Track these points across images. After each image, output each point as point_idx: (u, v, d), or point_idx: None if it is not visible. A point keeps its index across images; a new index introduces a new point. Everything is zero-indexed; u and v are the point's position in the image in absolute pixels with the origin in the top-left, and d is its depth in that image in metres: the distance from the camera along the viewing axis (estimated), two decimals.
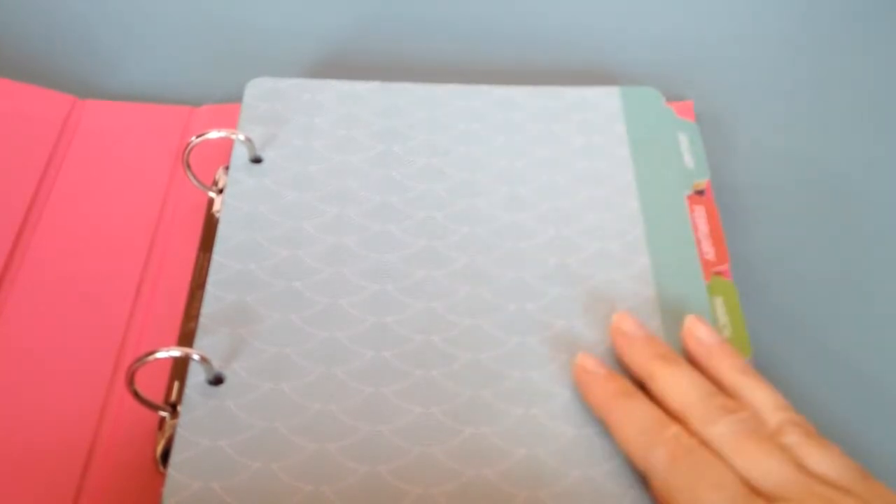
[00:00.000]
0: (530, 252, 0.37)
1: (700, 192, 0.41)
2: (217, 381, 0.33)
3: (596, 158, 0.41)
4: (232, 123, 0.42)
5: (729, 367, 0.32)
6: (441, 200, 0.39)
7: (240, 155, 0.41)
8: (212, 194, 0.41)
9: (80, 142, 0.43)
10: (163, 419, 0.34)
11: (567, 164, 0.40)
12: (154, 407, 0.34)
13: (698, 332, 0.33)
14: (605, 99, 0.43)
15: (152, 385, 0.35)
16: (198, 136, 0.40)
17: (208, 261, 0.37)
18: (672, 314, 0.35)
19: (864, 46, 0.50)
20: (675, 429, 0.30)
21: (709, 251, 0.38)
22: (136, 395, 0.33)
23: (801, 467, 0.28)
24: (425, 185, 0.39)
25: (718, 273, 0.38)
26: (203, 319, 0.35)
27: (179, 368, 0.35)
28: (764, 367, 0.36)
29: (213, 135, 0.40)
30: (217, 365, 0.33)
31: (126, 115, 0.45)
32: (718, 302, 0.37)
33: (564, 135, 0.42)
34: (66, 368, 0.36)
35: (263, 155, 0.41)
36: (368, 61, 0.49)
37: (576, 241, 0.38)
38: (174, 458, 0.31)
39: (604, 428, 0.32)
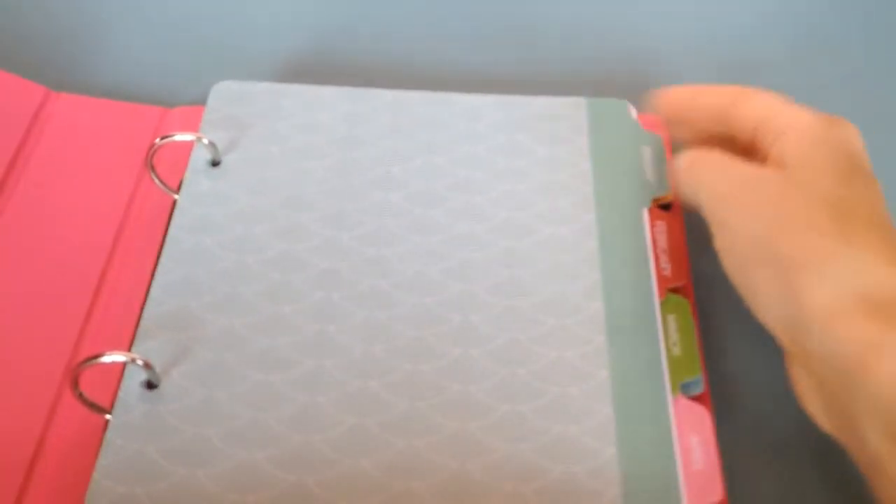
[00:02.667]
0: (481, 264, 0.37)
1: (665, 207, 0.40)
2: (153, 385, 0.33)
3: (557, 171, 0.40)
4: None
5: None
6: (396, 209, 0.39)
7: (199, 158, 0.41)
8: (176, 197, 0.41)
9: (50, 135, 0.44)
10: (108, 422, 0.34)
11: (527, 176, 0.40)
12: (98, 410, 0.34)
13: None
14: (572, 110, 0.43)
15: (109, 387, 0.35)
16: (162, 138, 0.40)
17: None
18: (618, 330, 0.35)
19: (866, 46, 0.49)
20: None
21: (666, 267, 0.38)
22: (80, 397, 0.33)
23: None
24: (381, 194, 0.39)
25: (675, 290, 0.38)
26: (144, 322, 0.35)
27: None
28: (730, 386, 0.36)
29: (178, 137, 0.40)
30: (157, 370, 0.34)
31: (99, 111, 0.45)
32: (671, 319, 0.36)
33: (527, 145, 0.41)
34: (16, 368, 0.36)
35: (223, 159, 0.41)
36: (347, 61, 0.49)
37: (528, 253, 0.37)
38: (100, 461, 0.31)
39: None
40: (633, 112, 0.43)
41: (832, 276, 0.28)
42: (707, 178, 0.34)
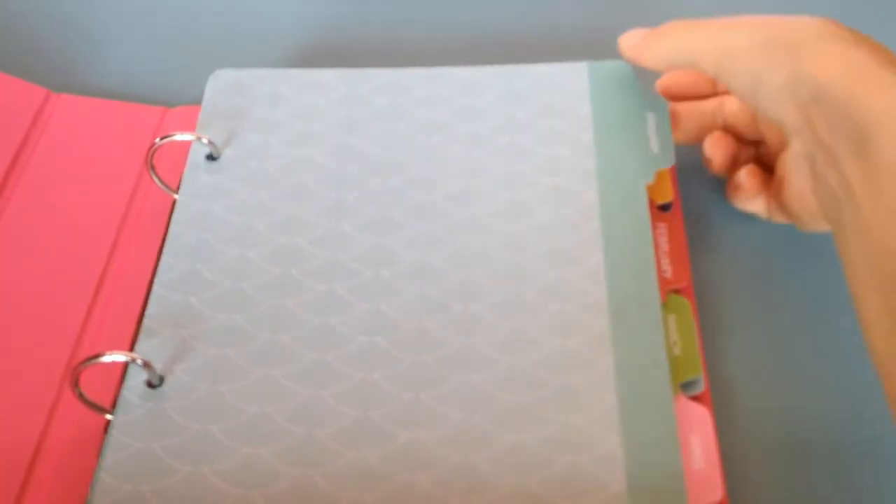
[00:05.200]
0: (482, 250, 0.37)
1: (663, 208, 0.40)
2: (155, 384, 0.33)
3: (558, 145, 0.39)
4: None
5: None
6: (396, 195, 0.39)
7: (198, 153, 0.41)
8: (176, 196, 0.41)
9: (51, 136, 0.44)
10: (108, 422, 0.34)
11: (528, 153, 0.39)
12: (99, 409, 0.34)
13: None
14: (572, 77, 0.42)
15: (109, 386, 0.35)
16: (162, 138, 0.40)
17: None
18: (622, 316, 0.34)
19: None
20: None
21: (667, 269, 0.38)
22: (80, 396, 0.33)
23: None
24: (381, 180, 0.39)
25: (676, 291, 0.37)
26: (147, 320, 0.35)
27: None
28: (730, 386, 0.36)
29: (178, 137, 0.40)
30: (158, 367, 0.34)
31: (99, 112, 0.45)
32: (671, 319, 0.36)
33: (528, 120, 0.40)
34: (16, 368, 0.36)
35: (222, 152, 0.41)
36: (347, 53, 0.49)
37: (529, 237, 0.37)
38: (106, 460, 0.31)
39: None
40: (633, 74, 0.42)
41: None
42: (698, 37, 0.36)
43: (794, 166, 0.35)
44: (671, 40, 0.37)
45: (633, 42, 0.39)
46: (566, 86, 0.42)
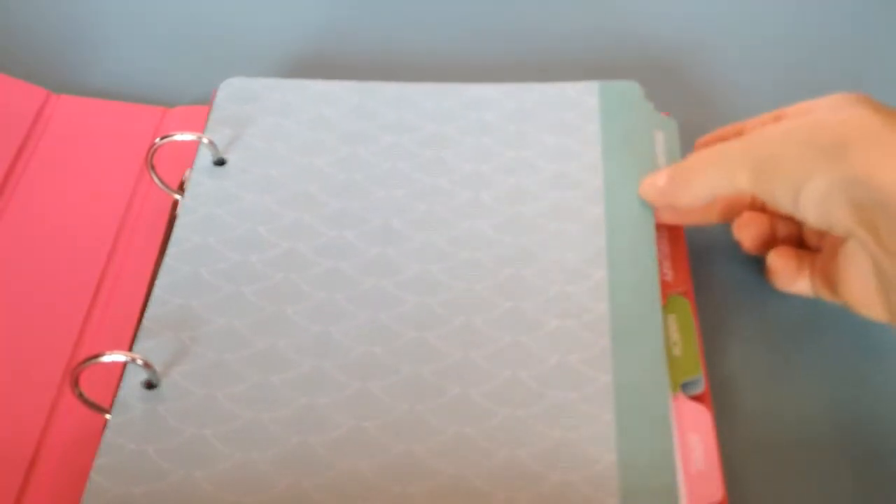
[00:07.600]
0: (485, 262, 0.36)
1: None
2: (153, 385, 0.33)
3: (566, 161, 0.39)
4: (204, 125, 0.43)
5: None
6: (400, 206, 0.38)
7: (204, 157, 0.41)
8: (177, 196, 0.41)
9: (51, 136, 0.44)
10: (107, 422, 0.34)
11: (535, 168, 0.39)
12: (98, 409, 0.34)
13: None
14: (583, 95, 0.42)
15: (109, 386, 0.35)
16: (162, 138, 0.40)
17: None
18: (623, 333, 0.34)
19: (864, 47, 0.49)
20: None
21: (668, 272, 0.38)
22: (80, 396, 0.33)
23: None
24: (386, 191, 0.39)
25: (676, 293, 0.37)
26: (146, 322, 0.35)
27: None
28: (730, 386, 0.36)
29: (178, 137, 0.40)
30: (157, 369, 0.34)
31: (99, 112, 0.45)
32: (671, 319, 0.36)
33: (536, 135, 0.40)
34: (16, 368, 0.36)
35: (228, 157, 0.41)
36: (352, 59, 0.49)
37: (534, 251, 0.37)
38: (98, 461, 0.31)
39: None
40: (642, 94, 0.42)
41: None
42: (730, 163, 0.34)
43: (853, 265, 0.34)
44: (703, 174, 0.35)
45: (660, 186, 0.36)
46: (576, 104, 0.41)
